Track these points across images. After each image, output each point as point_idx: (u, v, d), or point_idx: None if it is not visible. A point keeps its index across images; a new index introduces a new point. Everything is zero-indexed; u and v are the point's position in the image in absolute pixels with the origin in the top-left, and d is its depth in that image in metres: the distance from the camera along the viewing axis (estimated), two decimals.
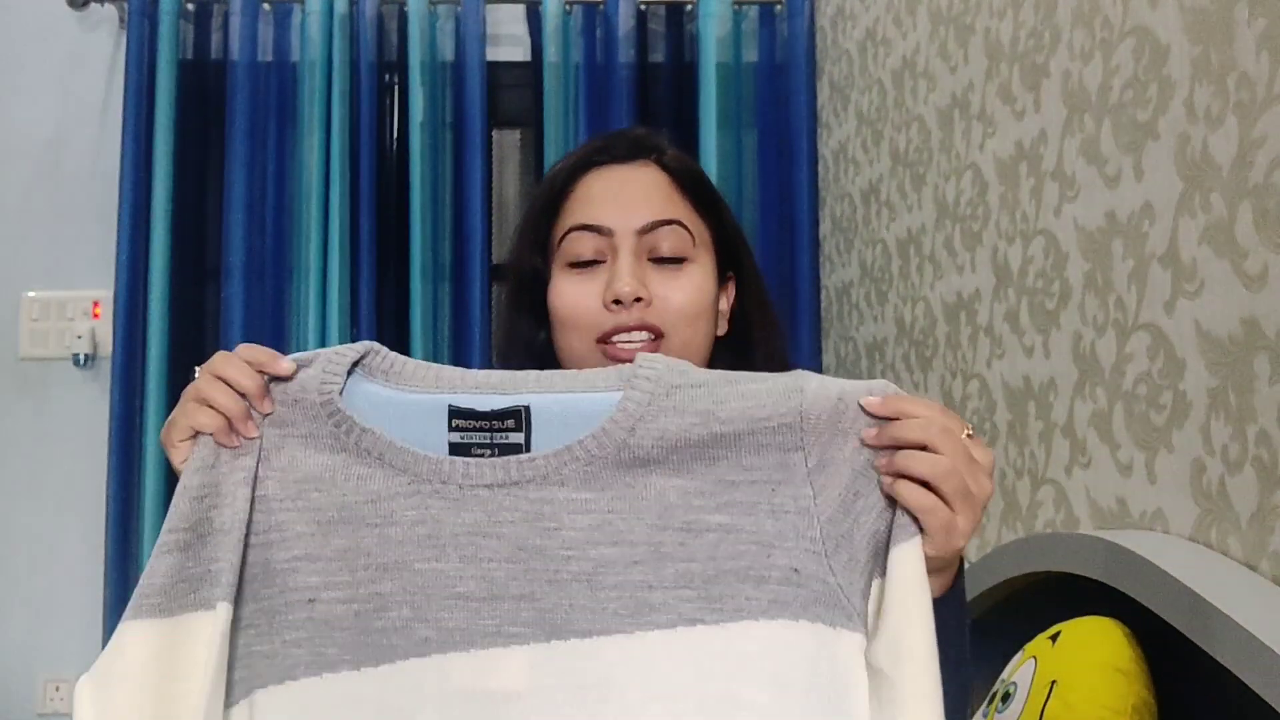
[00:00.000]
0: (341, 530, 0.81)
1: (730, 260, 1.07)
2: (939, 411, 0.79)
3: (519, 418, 0.82)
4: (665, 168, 1.04)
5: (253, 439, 0.82)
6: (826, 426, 0.80)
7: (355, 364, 0.85)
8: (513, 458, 0.81)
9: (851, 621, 0.78)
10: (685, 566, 0.79)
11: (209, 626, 0.78)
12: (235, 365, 0.82)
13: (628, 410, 0.80)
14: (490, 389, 0.83)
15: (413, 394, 0.84)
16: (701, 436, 0.80)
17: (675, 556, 0.79)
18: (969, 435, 0.79)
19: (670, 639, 0.77)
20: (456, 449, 0.82)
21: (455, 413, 0.83)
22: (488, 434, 0.82)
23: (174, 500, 0.81)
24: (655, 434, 0.80)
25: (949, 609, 0.84)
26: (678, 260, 1.00)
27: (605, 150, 1.04)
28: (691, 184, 1.04)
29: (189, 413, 0.82)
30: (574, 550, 0.79)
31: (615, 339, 0.98)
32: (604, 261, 1.00)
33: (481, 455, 0.82)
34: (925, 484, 0.77)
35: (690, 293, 1.00)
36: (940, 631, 0.78)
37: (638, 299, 0.97)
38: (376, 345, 0.86)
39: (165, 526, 0.80)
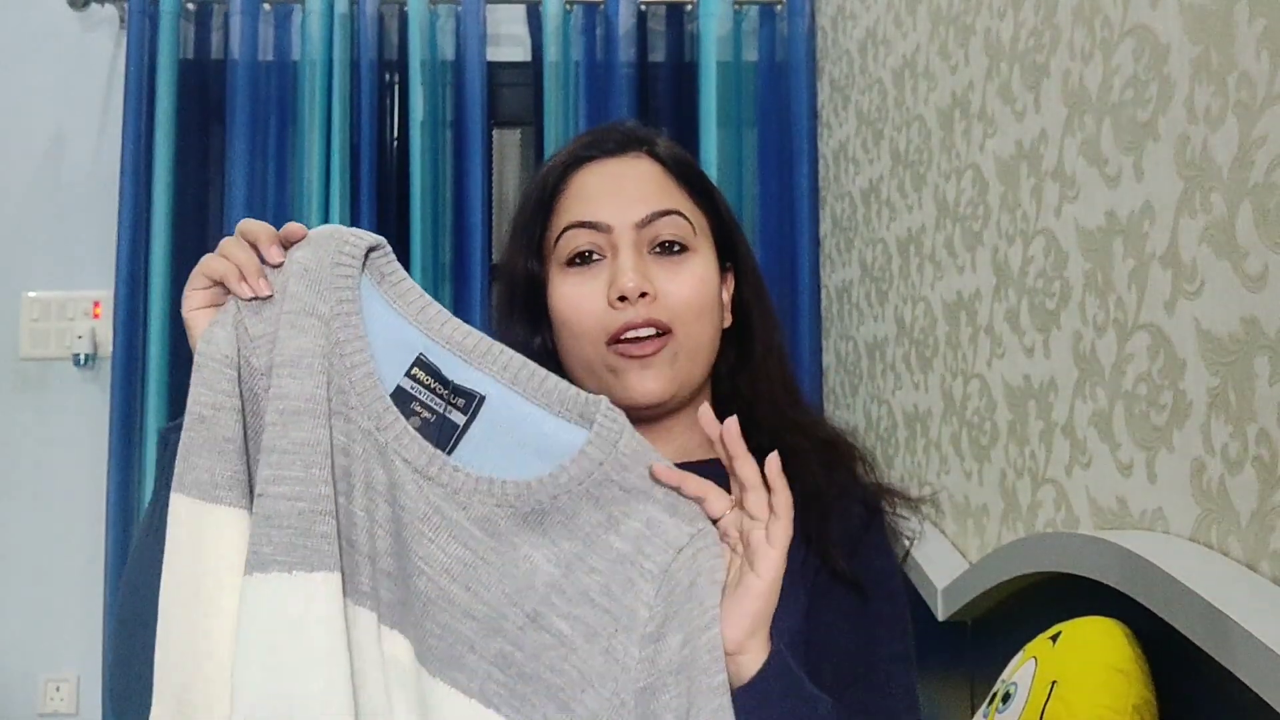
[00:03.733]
0: (304, 422, 0.79)
1: (728, 251, 1.05)
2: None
3: (470, 402, 0.82)
4: (658, 158, 1.02)
5: (265, 296, 0.82)
6: (676, 600, 0.79)
7: (368, 250, 0.84)
8: (441, 457, 0.80)
9: None
10: (510, 651, 0.79)
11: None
12: (250, 222, 0.85)
13: (559, 481, 0.80)
14: (461, 352, 0.83)
15: (395, 315, 0.83)
16: (597, 539, 0.80)
17: (507, 635, 0.79)
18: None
19: (461, 705, 0.78)
20: (399, 395, 0.82)
21: (420, 363, 0.82)
22: (438, 400, 0.82)
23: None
24: (568, 513, 0.80)
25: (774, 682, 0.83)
26: (680, 251, 0.98)
27: (596, 145, 1.02)
28: (686, 173, 1.02)
29: (205, 261, 0.83)
30: (430, 569, 0.79)
31: (625, 337, 0.96)
32: (604, 258, 0.97)
33: (417, 415, 0.82)
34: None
35: (695, 284, 0.98)
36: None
37: (643, 294, 0.95)
38: (385, 242, 0.85)
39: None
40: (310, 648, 0.76)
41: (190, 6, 2.77)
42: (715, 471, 1.02)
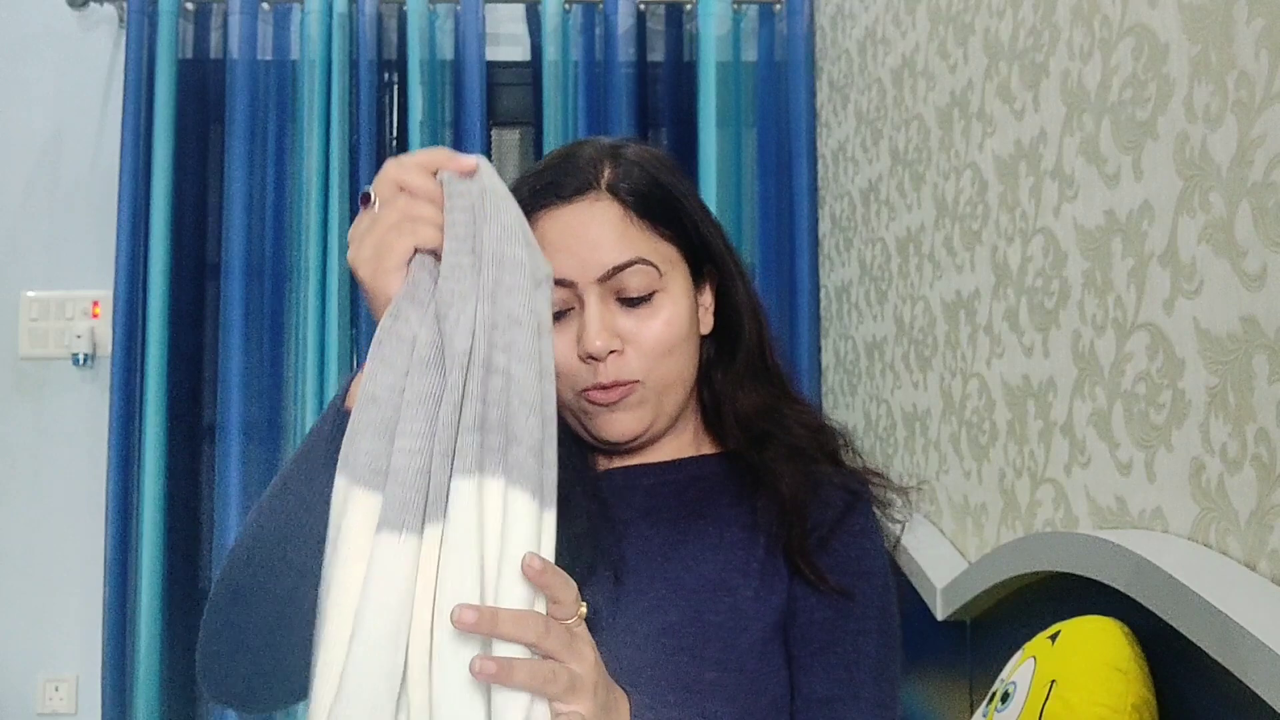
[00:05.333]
0: (432, 375, 0.77)
1: (706, 256, 1.03)
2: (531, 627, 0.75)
3: None
4: (616, 194, 0.97)
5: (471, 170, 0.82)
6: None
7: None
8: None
9: None
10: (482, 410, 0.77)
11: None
12: (418, 179, 0.83)
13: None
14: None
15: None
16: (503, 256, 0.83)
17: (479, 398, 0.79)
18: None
19: (488, 490, 0.77)
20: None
21: None
22: None
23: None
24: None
25: None
26: (647, 297, 0.97)
27: (553, 188, 0.98)
28: (647, 207, 0.98)
29: (405, 232, 0.81)
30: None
31: (594, 392, 0.96)
32: (571, 308, 0.96)
33: None
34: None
35: (662, 330, 0.97)
36: None
37: (611, 350, 0.95)
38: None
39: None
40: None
41: (189, 6, 2.77)
42: (708, 470, 1.03)
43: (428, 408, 0.76)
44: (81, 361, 2.77)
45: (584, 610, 0.78)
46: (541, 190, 0.98)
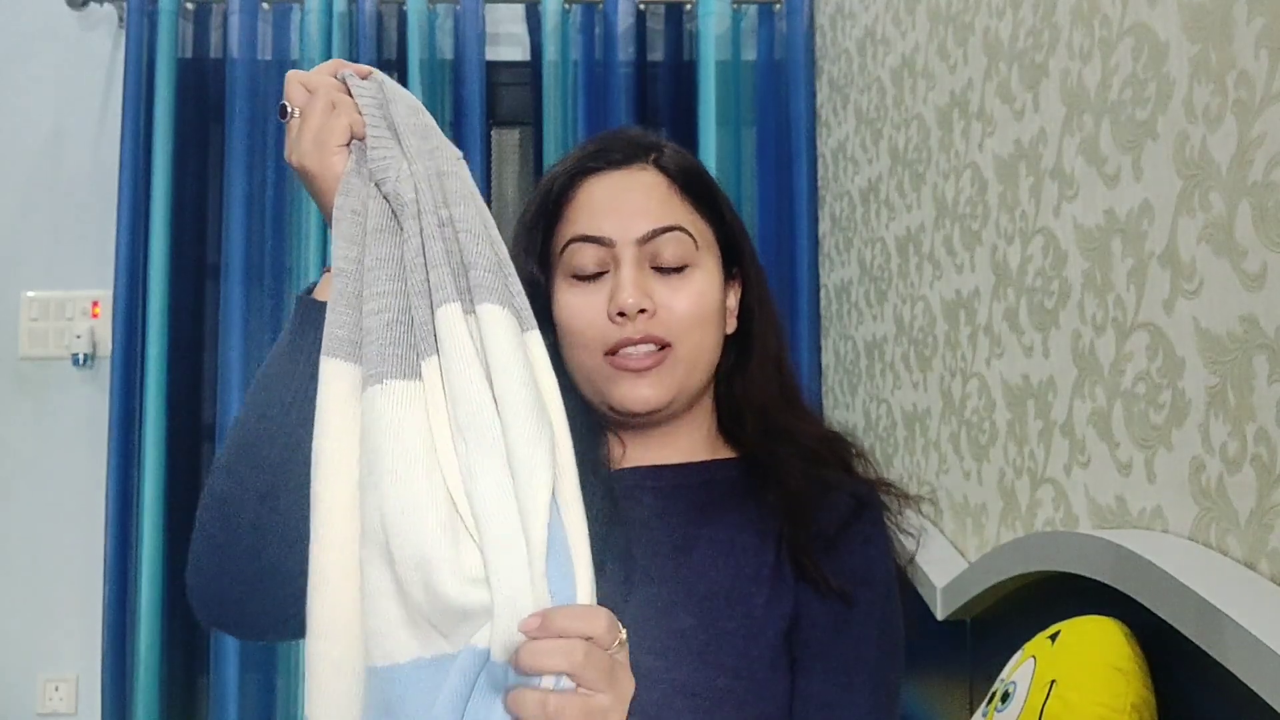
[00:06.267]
0: (386, 238, 0.84)
1: (734, 256, 1.06)
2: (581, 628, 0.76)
3: None
4: (663, 169, 1.02)
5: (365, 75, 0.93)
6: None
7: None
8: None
9: None
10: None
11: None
12: (324, 79, 0.91)
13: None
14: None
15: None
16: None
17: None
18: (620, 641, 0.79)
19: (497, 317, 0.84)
20: None
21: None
22: None
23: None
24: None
25: None
26: (681, 267, 0.99)
27: (601, 155, 1.02)
28: (691, 184, 1.02)
29: (339, 113, 0.88)
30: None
31: (621, 351, 0.97)
32: (607, 271, 0.98)
33: None
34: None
35: (694, 299, 0.98)
36: None
37: (642, 310, 0.96)
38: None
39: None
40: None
41: (189, 5, 2.77)
42: (721, 474, 1.03)
43: (389, 268, 0.83)
44: (81, 361, 2.77)
45: (624, 635, 0.79)
46: (590, 156, 1.03)
